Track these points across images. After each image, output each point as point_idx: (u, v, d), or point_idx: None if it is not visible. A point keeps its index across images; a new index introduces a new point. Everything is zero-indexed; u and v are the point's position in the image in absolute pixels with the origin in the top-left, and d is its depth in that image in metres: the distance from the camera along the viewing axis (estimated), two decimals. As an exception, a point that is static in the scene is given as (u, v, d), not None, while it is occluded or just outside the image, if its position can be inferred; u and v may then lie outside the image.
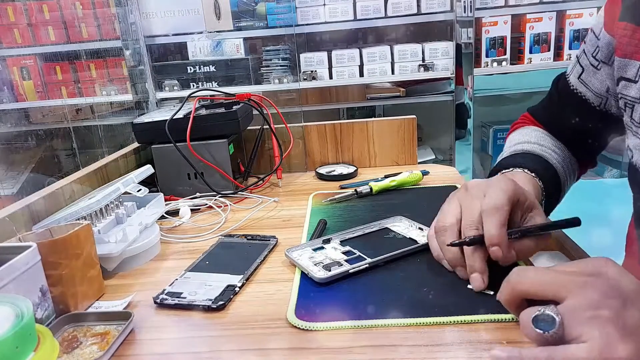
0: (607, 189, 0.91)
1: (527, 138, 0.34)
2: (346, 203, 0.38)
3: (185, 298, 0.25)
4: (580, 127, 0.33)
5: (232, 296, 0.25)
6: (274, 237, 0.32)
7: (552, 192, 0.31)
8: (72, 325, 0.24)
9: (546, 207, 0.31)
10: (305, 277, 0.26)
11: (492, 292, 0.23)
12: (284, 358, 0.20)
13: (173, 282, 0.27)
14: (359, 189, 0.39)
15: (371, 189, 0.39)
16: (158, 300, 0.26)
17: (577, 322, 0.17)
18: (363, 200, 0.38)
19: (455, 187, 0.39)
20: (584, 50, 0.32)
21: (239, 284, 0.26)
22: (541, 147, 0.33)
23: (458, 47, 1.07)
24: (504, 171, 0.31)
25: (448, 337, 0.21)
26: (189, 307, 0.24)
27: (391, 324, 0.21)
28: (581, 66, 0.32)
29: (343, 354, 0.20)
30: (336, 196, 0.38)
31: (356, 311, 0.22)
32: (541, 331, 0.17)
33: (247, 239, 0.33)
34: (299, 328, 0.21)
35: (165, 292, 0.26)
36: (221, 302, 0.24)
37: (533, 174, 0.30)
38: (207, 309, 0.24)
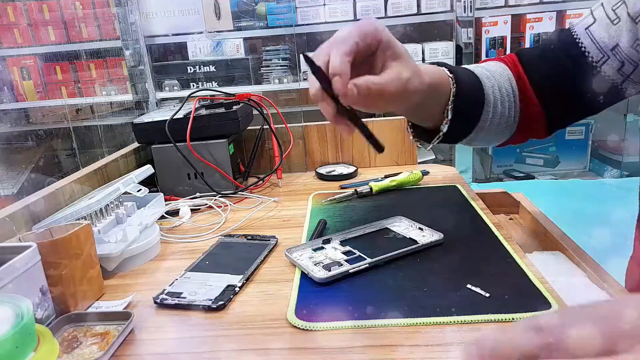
0: (607, 189, 0.91)
1: (485, 65, 0.31)
2: (346, 203, 0.38)
3: (185, 298, 0.25)
4: (567, 81, 0.29)
5: (232, 296, 0.25)
6: (274, 237, 0.32)
7: (467, 104, 0.28)
8: (72, 325, 0.24)
9: (455, 115, 0.28)
10: (305, 277, 0.26)
11: (487, 294, 0.22)
12: (284, 358, 0.20)
13: (173, 282, 0.27)
14: (359, 189, 0.39)
15: (371, 188, 0.39)
16: (158, 300, 0.26)
17: None
18: (363, 200, 0.38)
19: (455, 187, 0.38)
20: (602, 3, 0.29)
21: (239, 284, 0.26)
22: (488, 74, 0.30)
23: (458, 47, 1.07)
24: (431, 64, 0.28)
25: (448, 337, 0.21)
26: (189, 307, 0.24)
27: (391, 324, 0.21)
28: (593, 17, 0.29)
29: (343, 354, 0.20)
30: (336, 196, 0.38)
31: (356, 311, 0.22)
32: None
33: (247, 239, 0.33)
34: (299, 328, 0.21)
35: (166, 292, 0.26)
36: (221, 302, 0.24)
37: (449, 72, 0.28)
38: (207, 309, 0.24)
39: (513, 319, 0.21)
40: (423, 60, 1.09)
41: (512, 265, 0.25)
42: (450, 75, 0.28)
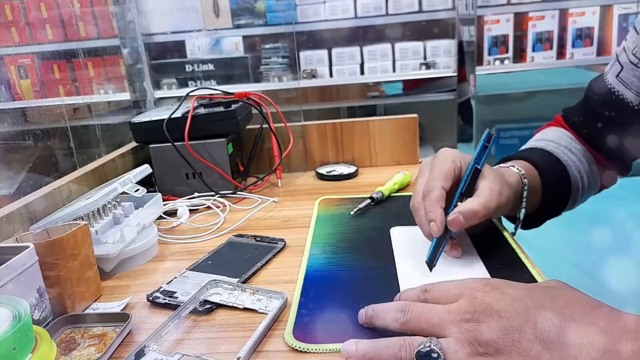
0: (609, 189, 0.91)
1: (544, 137, 0.34)
2: (352, 209, 0.35)
3: (177, 298, 0.25)
4: (616, 128, 0.32)
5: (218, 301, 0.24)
6: (282, 240, 0.32)
7: (554, 187, 0.31)
8: (70, 327, 0.24)
9: (545, 202, 0.31)
10: (307, 286, 0.25)
11: None
12: (283, 359, 0.20)
13: (171, 281, 0.27)
14: (373, 196, 0.37)
15: (382, 194, 0.38)
16: (150, 298, 0.25)
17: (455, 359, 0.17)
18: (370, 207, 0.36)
19: None
20: (623, 47, 0.31)
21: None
22: (555, 145, 0.33)
23: (460, 45, 1.07)
24: (501, 165, 0.31)
25: None
26: (177, 307, 0.24)
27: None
28: (620, 64, 0.31)
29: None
30: (360, 205, 0.35)
31: (360, 331, 0.21)
32: None
33: (256, 240, 0.32)
34: (297, 350, 0.20)
35: (161, 290, 0.26)
36: (208, 306, 0.24)
37: (530, 164, 0.30)
38: (194, 312, 0.24)
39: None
40: (425, 58, 1.09)
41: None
42: (537, 174, 0.30)
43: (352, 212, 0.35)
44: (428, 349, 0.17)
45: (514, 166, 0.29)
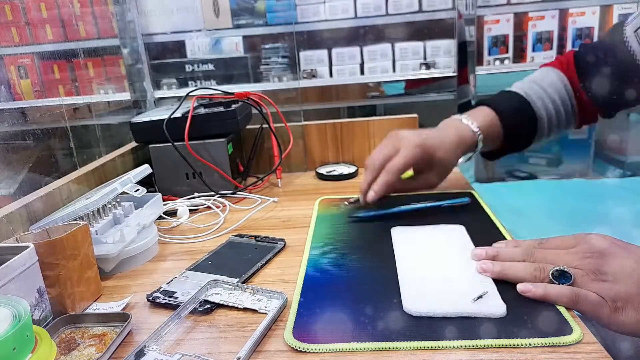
0: (608, 189, 0.91)
1: (538, 79, 0.36)
2: (352, 209, 0.36)
3: (177, 298, 0.25)
4: (617, 80, 0.33)
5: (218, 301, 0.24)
6: (282, 240, 0.32)
7: (517, 135, 0.35)
8: (70, 327, 0.24)
9: (508, 142, 0.35)
10: (306, 286, 0.25)
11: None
12: (283, 359, 0.20)
13: (171, 281, 0.27)
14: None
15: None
16: (150, 298, 0.25)
17: (582, 282, 0.22)
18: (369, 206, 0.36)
19: (459, 194, 0.37)
20: None
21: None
22: (541, 93, 0.35)
23: (461, 45, 1.07)
24: (472, 110, 0.35)
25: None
26: (177, 307, 0.24)
27: (398, 347, 0.20)
28: None
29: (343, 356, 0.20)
30: (351, 199, 0.36)
31: (360, 331, 0.21)
32: (557, 282, 0.22)
33: (256, 240, 0.32)
34: (297, 350, 0.20)
35: (161, 289, 0.26)
36: (208, 306, 0.24)
37: (494, 111, 0.34)
38: (194, 312, 0.24)
39: (530, 344, 0.19)
40: (425, 58, 1.09)
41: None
42: (498, 122, 0.34)
43: (344, 204, 0.37)
44: (561, 270, 0.22)
45: (477, 131, 0.33)
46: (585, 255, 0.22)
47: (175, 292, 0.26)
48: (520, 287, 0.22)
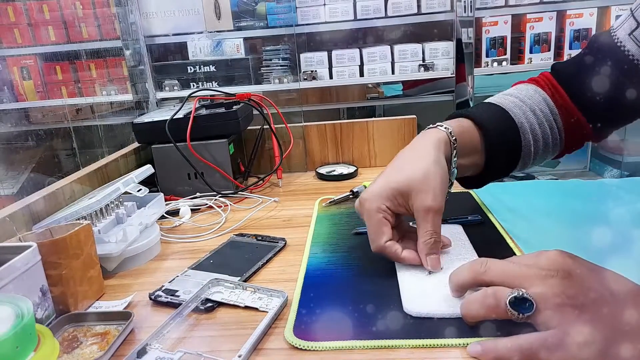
0: (607, 189, 0.92)
1: (514, 92, 0.31)
2: (353, 209, 0.34)
3: (179, 297, 0.25)
4: (612, 87, 0.28)
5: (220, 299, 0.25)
6: (282, 239, 0.32)
7: (499, 147, 0.28)
8: (72, 325, 0.24)
9: (490, 162, 0.28)
10: (307, 285, 0.25)
11: None
12: (283, 357, 0.21)
13: (173, 279, 0.27)
14: (355, 189, 0.39)
15: (365, 187, 0.39)
16: (153, 297, 0.25)
17: (546, 308, 0.18)
18: None
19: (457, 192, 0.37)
20: None
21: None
22: (518, 103, 0.29)
23: (459, 46, 1.07)
24: (446, 120, 0.28)
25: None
26: (179, 306, 0.24)
27: (397, 345, 0.20)
28: (636, 20, 0.28)
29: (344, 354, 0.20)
30: (334, 198, 0.38)
31: (360, 329, 0.21)
32: (517, 313, 0.18)
33: (257, 240, 0.32)
34: (297, 348, 0.20)
35: (163, 288, 0.26)
36: (210, 305, 0.24)
37: (476, 124, 0.28)
38: (195, 310, 0.24)
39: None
40: (423, 60, 1.09)
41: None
42: (480, 133, 0.27)
43: (324, 205, 0.36)
44: (521, 295, 0.18)
45: (447, 128, 0.27)
46: (547, 274, 0.18)
47: (177, 291, 0.26)
48: (470, 351, 0.19)
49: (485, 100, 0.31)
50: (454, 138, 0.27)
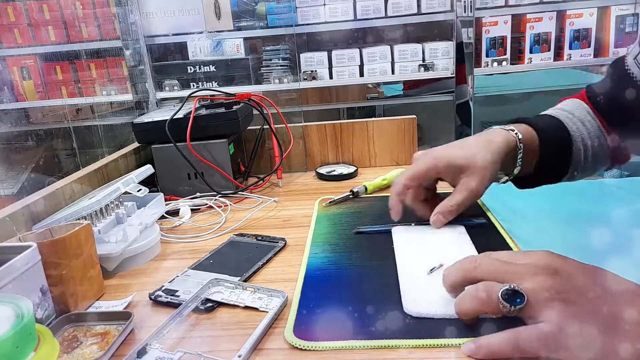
0: (607, 189, 0.92)
1: (562, 106, 0.35)
2: (353, 209, 0.36)
3: (179, 297, 0.25)
4: (630, 110, 0.32)
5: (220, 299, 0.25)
6: (282, 239, 0.32)
7: (553, 154, 0.32)
8: (72, 325, 0.24)
9: (543, 167, 0.32)
10: (307, 285, 0.25)
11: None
12: (283, 357, 0.21)
13: (173, 279, 0.27)
14: (354, 189, 0.39)
15: (366, 188, 0.39)
16: (153, 297, 0.26)
17: (536, 302, 0.19)
18: (365, 205, 0.37)
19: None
20: None
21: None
22: (568, 115, 0.33)
23: (459, 46, 1.07)
24: (504, 126, 0.32)
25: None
26: (179, 306, 0.24)
27: (397, 345, 0.20)
28: None
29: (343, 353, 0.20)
30: (334, 198, 0.38)
31: (360, 329, 0.21)
32: (509, 305, 0.19)
33: (257, 240, 0.32)
34: (298, 348, 0.20)
35: (163, 288, 0.26)
36: (210, 305, 0.24)
37: (532, 127, 0.31)
38: (195, 310, 0.24)
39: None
40: (423, 60, 1.09)
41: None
42: (517, 136, 0.30)
43: (324, 205, 0.36)
44: (512, 289, 0.18)
45: (513, 130, 0.31)
46: (535, 271, 0.19)
47: (177, 291, 0.26)
48: (465, 350, 0.19)
49: (540, 113, 0.34)
50: (520, 142, 0.30)
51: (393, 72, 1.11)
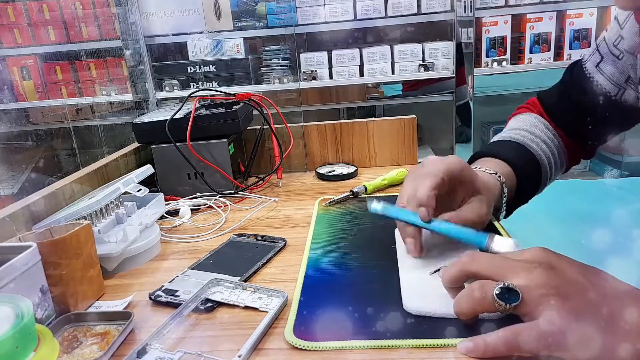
0: (607, 189, 0.92)
1: (521, 125, 0.35)
2: (353, 209, 0.36)
3: (179, 297, 0.25)
4: (589, 114, 0.32)
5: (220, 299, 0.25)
6: (282, 239, 0.32)
7: (527, 181, 0.32)
8: (72, 325, 0.24)
9: (518, 195, 0.32)
10: (307, 285, 0.25)
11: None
12: (283, 357, 0.21)
13: (173, 279, 0.27)
14: (354, 189, 0.39)
15: (365, 188, 0.39)
16: (153, 297, 0.26)
17: (530, 299, 0.18)
18: (365, 205, 0.37)
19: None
20: (604, 38, 0.31)
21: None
22: (530, 136, 0.33)
23: (459, 47, 1.07)
24: (481, 168, 0.31)
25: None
26: (179, 306, 0.24)
27: (397, 345, 0.20)
28: (600, 54, 0.32)
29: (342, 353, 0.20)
30: (334, 198, 0.38)
31: (360, 329, 0.21)
32: (504, 303, 0.19)
33: (257, 240, 0.32)
34: (298, 348, 0.20)
35: (163, 288, 0.26)
36: (210, 305, 0.24)
37: (507, 163, 0.31)
38: (195, 310, 0.24)
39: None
40: (423, 60, 1.09)
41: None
42: (511, 171, 0.30)
43: (324, 205, 0.36)
44: (506, 286, 0.18)
45: (495, 173, 0.30)
46: (530, 267, 0.19)
47: (177, 291, 0.26)
48: (461, 348, 0.19)
49: (499, 137, 0.34)
50: (505, 185, 0.30)
51: (393, 72, 1.11)
